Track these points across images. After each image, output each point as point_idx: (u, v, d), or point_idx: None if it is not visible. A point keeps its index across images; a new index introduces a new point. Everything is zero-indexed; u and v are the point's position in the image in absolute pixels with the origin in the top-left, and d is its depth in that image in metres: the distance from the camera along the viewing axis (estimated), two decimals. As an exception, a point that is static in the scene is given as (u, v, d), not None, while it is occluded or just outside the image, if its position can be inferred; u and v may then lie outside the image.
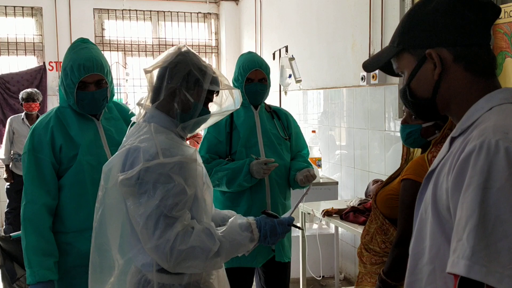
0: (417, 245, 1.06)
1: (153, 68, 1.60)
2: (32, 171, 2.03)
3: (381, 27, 3.79)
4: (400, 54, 1.11)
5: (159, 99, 1.57)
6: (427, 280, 1.02)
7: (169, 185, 1.46)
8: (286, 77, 3.57)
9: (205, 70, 1.59)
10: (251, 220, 1.58)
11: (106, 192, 1.57)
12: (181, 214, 1.47)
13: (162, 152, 1.48)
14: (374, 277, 2.04)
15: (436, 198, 0.99)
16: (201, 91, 1.58)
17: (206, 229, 1.51)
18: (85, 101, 2.04)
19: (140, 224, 1.45)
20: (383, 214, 2.04)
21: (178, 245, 1.44)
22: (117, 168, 1.52)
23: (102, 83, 2.06)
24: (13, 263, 2.86)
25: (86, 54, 2.02)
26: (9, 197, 5.40)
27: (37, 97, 5.34)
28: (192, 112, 1.59)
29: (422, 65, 1.07)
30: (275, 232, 1.59)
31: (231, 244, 1.52)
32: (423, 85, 1.08)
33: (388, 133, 3.79)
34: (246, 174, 2.50)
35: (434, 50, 1.04)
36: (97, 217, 1.61)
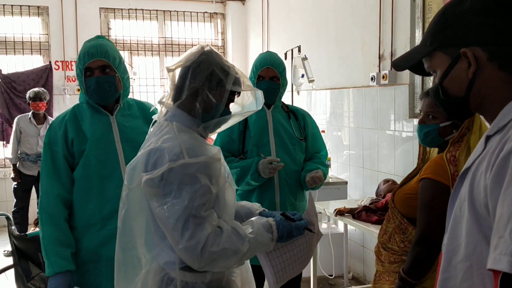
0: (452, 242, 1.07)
1: (176, 66, 1.60)
2: (47, 164, 2.08)
3: (391, 28, 3.80)
4: (433, 53, 1.12)
5: (181, 98, 1.57)
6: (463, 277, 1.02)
7: (196, 186, 1.45)
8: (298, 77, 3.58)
9: (228, 71, 1.59)
10: (271, 222, 1.59)
11: (130, 191, 1.57)
12: (209, 214, 1.48)
13: (187, 152, 1.47)
14: (393, 275, 2.05)
15: (472, 195, 0.99)
16: (223, 92, 1.58)
17: (233, 229, 1.51)
18: (91, 87, 2.06)
19: (170, 226, 1.45)
20: (401, 213, 2.06)
21: (210, 246, 1.44)
22: (140, 168, 1.52)
23: (108, 70, 2.07)
24: (28, 262, 2.86)
25: (93, 43, 2.07)
26: (17, 197, 5.40)
27: (44, 96, 5.34)
28: (214, 112, 1.59)
29: (456, 64, 1.08)
30: (291, 235, 1.60)
31: (257, 244, 1.54)
32: (457, 84, 1.09)
33: (397, 133, 3.81)
34: (253, 173, 2.52)
35: (469, 49, 1.05)
36: (121, 216, 1.61)
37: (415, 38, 3.63)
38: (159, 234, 1.54)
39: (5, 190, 6.26)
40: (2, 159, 6.36)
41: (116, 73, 2.09)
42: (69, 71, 6.49)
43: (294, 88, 3.67)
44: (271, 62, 2.64)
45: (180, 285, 1.54)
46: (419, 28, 3.59)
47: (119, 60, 2.12)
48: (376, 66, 3.98)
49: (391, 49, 3.82)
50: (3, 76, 6.26)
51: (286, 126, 2.70)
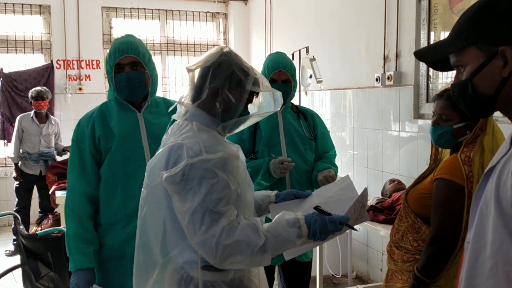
0: (478, 240, 1.08)
1: (196, 67, 1.62)
2: (74, 161, 2.11)
3: (396, 29, 3.82)
4: (466, 48, 1.11)
5: (201, 98, 1.59)
6: (488, 274, 1.04)
7: (214, 180, 1.47)
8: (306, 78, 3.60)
9: (247, 71, 1.61)
10: (300, 216, 1.52)
11: (151, 190, 1.59)
12: (227, 210, 1.48)
13: (205, 149, 1.50)
14: (406, 274, 2.07)
15: (499, 194, 1.01)
16: (243, 92, 1.60)
17: (252, 224, 1.50)
18: (121, 83, 2.08)
19: (186, 219, 1.46)
20: (415, 213, 2.08)
21: (223, 239, 1.43)
22: (160, 166, 1.54)
23: (138, 67, 2.09)
24: (37, 262, 2.87)
25: (123, 39, 2.12)
26: (18, 196, 5.38)
27: (47, 95, 5.33)
28: (233, 112, 1.61)
29: (491, 61, 1.07)
30: (325, 229, 1.50)
31: (276, 239, 1.48)
32: (488, 81, 1.09)
33: (401, 133, 3.83)
34: (264, 173, 2.54)
35: (509, 48, 1.04)
36: (142, 215, 1.62)
37: (420, 39, 3.65)
38: (180, 233, 1.55)
39: (6, 190, 6.24)
40: (4, 158, 6.33)
41: (145, 70, 2.11)
42: (71, 70, 6.48)
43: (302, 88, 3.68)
44: (283, 65, 2.65)
45: (202, 284, 1.55)
46: (424, 29, 3.61)
47: (149, 58, 2.15)
48: (381, 67, 4.00)
49: (396, 51, 3.84)
50: (4, 74, 6.24)
51: (296, 126, 2.73)
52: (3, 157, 6.36)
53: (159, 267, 1.63)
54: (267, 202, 1.82)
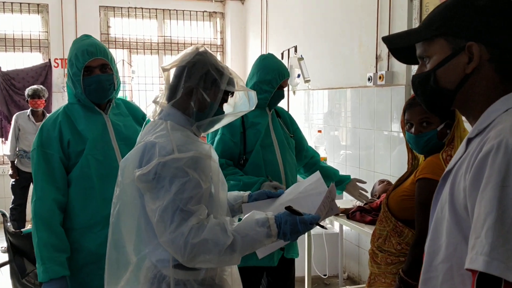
0: (433, 243, 1.08)
1: (171, 66, 1.63)
2: (41, 167, 2.04)
3: (388, 28, 3.81)
4: (435, 38, 1.09)
5: (176, 97, 1.60)
6: (443, 278, 1.03)
7: (184, 179, 1.48)
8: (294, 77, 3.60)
9: (222, 71, 1.63)
10: (270, 216, 1.52)
11: (123, 188, 1.59)
12: (197, 209, 1.49)
13: (178, 148, 1.50)
14: (389, 277, 2.04)
15: (453, 197, 1.01)
16: (218, 91, 1.61)
17: (221, 223, 1.50)
18: (92, 86, 2.06)
19: (156, 217, 1.47)
20: (396, 216, 2.04)
21: (191, 238, 1.44)
22: (134, 164, 1.54)
23: (107, 69, 2.09)
24: (23, 259, 2.87)
25: (89, 42, 2.09)
26: (14, 194, 5.40)
27: (43, 94, 5.35)
28: (208, 112, 1.62)
29: (456, 56, 1.06)
30: (296, 229, 1.51)
31: (244, 239, 1.48)
32: (451, 75, 1.07)
33: (393, 134, 3.81)
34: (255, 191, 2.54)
35: (477, 45, 1.03)
36: (114, 212, 1.62)
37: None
38: (152, 231, 1.55)
39: (3, 187, 6.27)
40: (1, 156, 6.36)
41: (113, 72, 2.11)
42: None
43: (290, 88, 3.67)
44: (288, 73, 2.74)
45: (173, 282, 1.55)
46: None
47: (113, 58, 2.16)
48: (373, 67, 3.99)
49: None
50: (2, 73, 6.27)
51: (280, 125, 2.75)
52: (0, 155, 6.39)
53: (132, 265, 1.63)
54: (239, 202, 1.83)
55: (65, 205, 2.08)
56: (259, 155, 2.60)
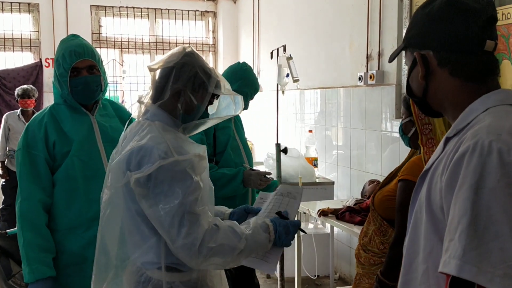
0: (412, 244, 1.07)
1: (158, 66, 1.60)
2: (26, 168, 2.02)
3: (379, 28, 3.80)
4: (406, 50, 1.14)
5: (163, 98, 1.56)
6: (421, 279, 1.02)
7: (188, 182, 1.46)
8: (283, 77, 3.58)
9: (210, 73, 1.61)
10: (268, 222, 1.56)
11: (113, 191, 1.56)
12: (203, 211, 1.47)
13: (175, 150, 1.48)
14: (372, 277, 2.04)
15: (430, 198, 0.99)
16: (205, 94, 1.60)
17: (230, 227, 1.50)
18: (79, 87, 2.04)
19: (166, 224, 1.43)
20: (381, 216, 2.05)
21: (207, 242, 1.43)
22: (126, 167, 1.50)
23: (94, 70, 2.07)
24: (9, 260, 2.83)
25: (77, 42, 2.06)
26: (5, 194, 5.38)
27: (33, 93, 5.32)
28: (194, 114, 1.61)
29: (415, 66, 1.10)
30: (288, 232, 1.57)
31: (255, 243, 1.51)
32: (415, 84, 1.12)
33: (384, 133, 3.80)
34: (240, 183, 2.63)
35: (419, 53, 1.07)
36: (104, 216, 1.60)
37: (401, 38, 3.61)
38: (140, 235, 1.53)
39: (-6, 188, 6.22)
40: (-9, 156, 6.31)
41: (100, 73, 2.09)
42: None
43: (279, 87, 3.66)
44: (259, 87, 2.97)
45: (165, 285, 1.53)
46: (406, 28, 3.58)
47: (100, 59, 2.14)
48: (364, 66, 3.98)
49: (379, 49, 3.81)
50: (-7, 73, 6.23)
51: (242, 129, 2.94)
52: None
53: (116, 269, 1.60)
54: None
55: (50, 206, 2.05)
56: (230, 157, 2.68)
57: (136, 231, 1.54)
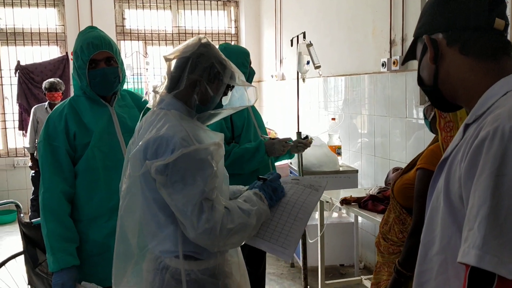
0: (428, 234, 1.04)
1: (174, 56, 1.61)
2: (48, 159, 2.05)
3: (402, 13, 3.71)
4: (416, 44, 1.13)
5: (178, 88, 1.57)
6: (438, 270, 0.99)
7: (208, 171, 1.47)
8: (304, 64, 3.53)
9: (225, 64, 1.61)
10: (258, 192, 1.64)
11: (133, 180, 1.58)
12: (217, 195, 1.50)
13: (195, 139, 1.50)
14: (392, 266, 2.02)
15: (448, 186, 0.96)
16: (220, 85, 1.61)
17: (237, 206, 1.54)
18: (97, 79, 2.06)
19: (189, 211, 1.44)
20: (400, 204, 2.02)
21: (226, 224, 1.46)
22: (141, 157, 1.51)
23: (112, 62, 2.09)
24: (35, 249, 2.91)
25: (94, 34, 2.08)
26: (34, 185, 5.51)
27: (60, 86, 5.41)
28: (209, 105, 1.62)
29: (425, 53, 1.08)
30: (275, 190, 1.66)
31: (260, 215, 1.58)
32: (426, 71, 1.10)
33: (409, 120, 3.72)
34: (264, 153, 2.72)
35: (428, 36, 1.06)
36: (123, 205, 1.62)
37: (426, 22, 3.52)
38: (157, 224, 1.55)
39: (24, 179, 6.40)
40: (21, 149, 6.48)
41: (118, 65, 2.11)
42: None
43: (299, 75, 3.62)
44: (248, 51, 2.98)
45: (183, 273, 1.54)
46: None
47: (119, 52, 2.15)
48: (387, 52, 3.89)
49: (402, 34, 3.72)
50: (21, 67, 6.36)
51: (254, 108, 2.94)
52: (21, 147, 6.51)
53: (137, 257, 1.63)
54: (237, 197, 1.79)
55: (73, 197, 2.09)
56: (248, 135, 2.75)
57: (153, 220, 1.56)
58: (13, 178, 6.54)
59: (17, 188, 6.51)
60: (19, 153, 6.58)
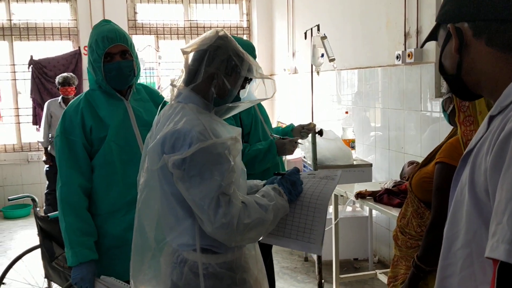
0: (452, 228, 1.02)
1: (191, 49, 1.60)
2: (65, 154, 2.06)
3: (416, 4, 3.66)
4: (438, 29, 1.11)
5: (196, 81, 1.56)
6: (463, 264, 0.97)
7: (225, 165, 1.46)
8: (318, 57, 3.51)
9: (243, 57, 1.60)
10: (277, 186, 1.62)
11: (151, 174, 1.57)
12: (234, 190, 1.49)
13: (212, 133, 1.49)
14: (410, 260, 2.00)
15: (473, 179, 0.94)
16: (238, 78, 1.59)
17: (254, 201, 1.53)
18: (112, 72, 2.06)
19: (206, 205, 1.44)
20: (418, 198, 1.99)
21: (243, 219, 1.45)
22: (159, 150, 1.51)
23: (127, 55, 2.08)
24: (52, 242, 2.93)
25: (109, 27, 2.07)
26: (49, 179, 5.54)
27: (73, 81, 5.43)
28: (227, 98, 1.60)
29: (448, 41, 1.06)
30: (293, 183, 1.64)
31: (278, 210, 1.56)
32: (449, 60, 1.08)
33: (424, 113, 3.69)
34: (275, 153, 2.70)
35: (452, 25, 1.03)
36: (141, 199, 1.62)
37: (442, 14, 3.48)
38: (175, 218, 1.55)
39: (38, 173, 6.45)
40: (36, 143, 6.53)
41: (133, 58, 2.10)
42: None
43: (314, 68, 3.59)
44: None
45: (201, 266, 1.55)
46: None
47: (134, 45, 2.15)
48: (402, 44, 3.85)
49: (417, 26, 3.68)
50: (34, 61, 6.40)
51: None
52: (35, 142, 6.56)
53: (154, 251, 1.63)
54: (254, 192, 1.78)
55: (90, 191, 2.09)
56: (257, 133, 2.72)
57: (171, 213, 1.56)
58: (27, 173, 6.61)
59: (31, 182, 6.57)
60: (33, 147, 6.63)
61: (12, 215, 6.26)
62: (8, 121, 6.62)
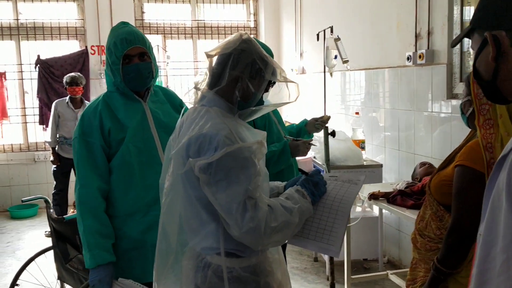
0: (489, 232, 1.02)
1: (215, 53, 1.60)
2: (83, 156, 2.06)
3: (428, 6, 3.66)
4: (472, 33, 1.11)
5: (220, 84, 1.57)
6: (499, 270, 0.98)
7: (251, 169, 1.47)
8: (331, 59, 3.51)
9: (267, 61, 1.60)
10: (300, 188, 1.63)
11: (176, 178, 1.57)
12: (260, 194, 1.50)
13: (238, 137, 1.49)
14: (429, 263, 2.00)
15: (510, 184, 0.94)
16: (262, 81, 1.59)
17: (280, 204, 1.53)
18: (131, 74, 2.06)
19: (232, 211, 1.44)
20: (437, 201, 1.99)
21: (269, 223, 1.46)
22: (184, 154, 1.51)
23: (146, 57, 2.08)
24: (66, 244, 2.93)
25: (127, 30, 2.07)
26: (56, 179, 5.55)
27: (81, 81, 5.44)
28: (251, 101, 1.61)
29: (484, 47, 1.06)
30: (316, 184, 1.65)
31: (303, 212, 1.57)
32: (484, 67, 1.08)
33: (434, 114, 3.69)
34: (289, 155, 2.71)
35: (490, 33, 1.03)
36: (166, 203, 1.62)
37: (453, 16, 3.48)
38: (198, 222, 1.55)
39: (45, 173, 6.46)
40: (42, 143, 6.54)
41: (151, 60, 2.10)
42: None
43: (326, 69, 3.59)
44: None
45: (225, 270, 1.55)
46: (457, 5, 3.43)
47: (150, 46, 2.14)
48: (413, 46, 3.85)
49: (428, 28, 3.68)
50: (41, 61, 6.40)
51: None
52: (42, 142, 6.56)
53: (176, 254, 1.64)
54: (275, 193, 1.79)
55: (108, 193, 2.10)
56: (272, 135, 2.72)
57: (195, 217, 1.56)
58: (34, 173, 6.61)
59: (38, 182, 6.58)
60: (40, 147, 6.64)
61: (19, 215, 6.26)
62: (15, 121, 6.62)
